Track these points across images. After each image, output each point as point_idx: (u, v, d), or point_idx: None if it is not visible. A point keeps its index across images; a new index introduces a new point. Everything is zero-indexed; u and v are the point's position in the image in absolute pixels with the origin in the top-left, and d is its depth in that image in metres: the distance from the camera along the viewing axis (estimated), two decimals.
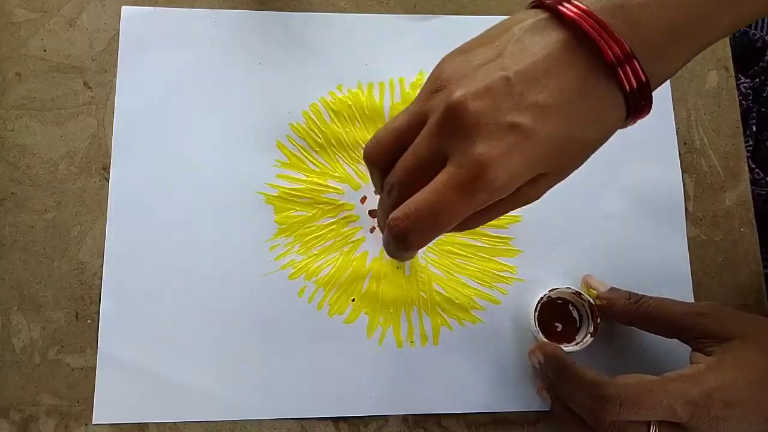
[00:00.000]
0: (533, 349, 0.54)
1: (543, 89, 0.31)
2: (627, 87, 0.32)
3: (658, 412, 0.44)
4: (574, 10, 0.32)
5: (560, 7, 0.32)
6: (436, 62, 0.35)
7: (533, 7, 0.35)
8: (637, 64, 0.31)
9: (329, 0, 0.62)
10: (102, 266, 0.56)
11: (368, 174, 0.57)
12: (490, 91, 0.31)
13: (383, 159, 0.36)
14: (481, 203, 0.32)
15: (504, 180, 0.31)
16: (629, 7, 0.32)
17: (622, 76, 0.32)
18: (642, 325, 0.52)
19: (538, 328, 0.54)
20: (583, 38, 0.32)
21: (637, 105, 0.33)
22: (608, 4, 0.32)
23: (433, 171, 0.33)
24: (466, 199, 0.32)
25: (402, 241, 0.33)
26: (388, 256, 0.40)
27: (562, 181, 0.35)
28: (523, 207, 0.41)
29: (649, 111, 0.34)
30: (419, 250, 0.40)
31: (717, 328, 0.48)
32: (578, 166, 0.35)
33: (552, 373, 0.50)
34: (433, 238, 0.34)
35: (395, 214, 0.33)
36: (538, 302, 0.54)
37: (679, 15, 0.33)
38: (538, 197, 0.35)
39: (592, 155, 0.33)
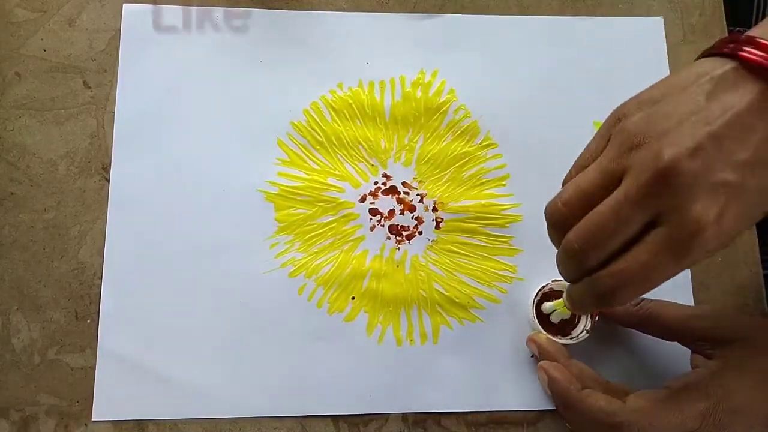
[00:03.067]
0: (531, 337, 0.54)
1: (749, 145, 0.32)
2: None
3: (672, 429, 0.43)
4: (759, 54, 0.32)
5: (743, 54, 0.33)
6: (436, 60, 0.35)
7: (712, 54, 0.35)
8: None
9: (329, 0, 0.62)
10: (102, 266, 0.55)
11: (369, 172, 0.58)
12: (700, 150, 0.31)
13: (570, 220, 0.35)
14: (693, 263, 0.33)
15: (720, 240, 0.32)
16: None
17: None
18: (642, 327, 0.52)
19: (535, 317, 0.54)
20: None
21: None
22: None
23: (636, 232, 0.33)
24: (679, 260, 0.32)
25: (608, 299, 0.34)
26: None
27: (559, 179, 0.36)
28: (521, 206, 0.44)
29: None
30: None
31: (717, 332, 0.48)
32: None
33: (559, 405, 0.50)
34: (638, 297, 0.35)
35: (604, 273, 0.34)
36: (539, 290, 0.54)
37: None
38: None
39: None
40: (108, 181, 0.57)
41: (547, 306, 0.53)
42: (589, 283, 0.35)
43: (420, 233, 0.58)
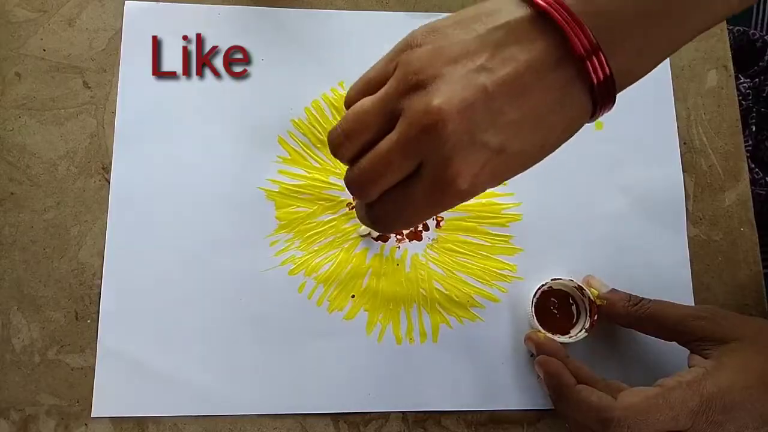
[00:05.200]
0: (529, 335, 0.54)
1: (521, 105, 0.32)
2: (594, 79, 0.32)
3: (663, 425, 0.44)
4: (548, 2, 0.32)
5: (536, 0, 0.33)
6: None
7: None
8: (602, 55, 0.32)
9: None
10: (102, 266, 0.55)
11: None
12: (470, 107, 0.32)
13: (350, 150, 0.36)
14: (446, 209, 0.35)
15: (472, 192, 0.34)
16: None
17: (590, 68, 0.32)
18: (641, 327, 0.52)
19: (534, 316, 0.54)
20: (556, 33, 0.32)
21: (604, 100, 0.33)
22: None
23: (407, 173, 0.34)
24: (434, 208, 0.35)
25: (379, 226, 0.38)
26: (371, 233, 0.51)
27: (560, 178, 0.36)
28: (521, 205, 0.54)
29: (612, 106, 0.34)
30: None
31: (714, 331, 0.48)
32: (536, 164, 0.36)
33: (553, 395, 0.50)
34: (405, 228, 0.39)
35: (376, 205, 0.36)
36: (538, 289, 0.54)
37: (645, 4, 0.33)
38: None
39: (593, 153, 0.32)
40: (108, 181, 0.57)
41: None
42: (366, 208, 0.37)
43: (420, 232, 0.58)
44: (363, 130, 0.35)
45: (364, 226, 0.55)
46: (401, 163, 0.34)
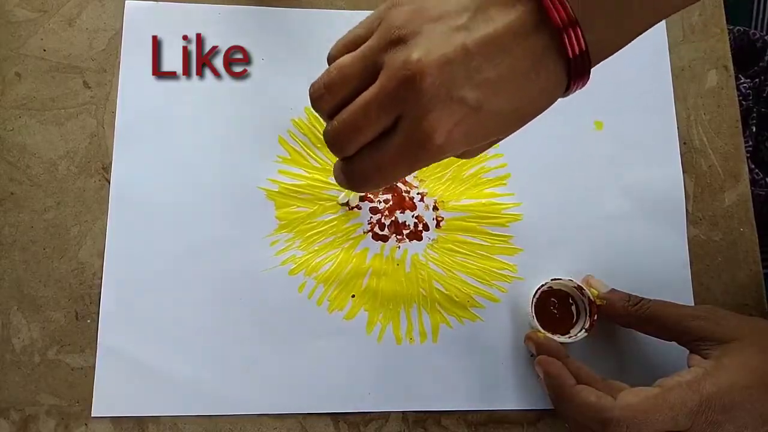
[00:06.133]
0: (529, 335, 0.54)
1: (498, 65, 0.33)
2: (570, 52, 0.33)
3: (663, 425, 0.44)
4: None
5: None
6: None
7: None
8: (579, 29, 0.32)
9: None
10: (102, 266, 0.55)
11: None
12: (448, 62, 0.32)
13: (331, 103, 0.36)
14: (422, 166, 0.36)
15: (447, 149, 0.34)
16: None
17: (566, 41, 0.33)
18: (641, 327, 0.52)
19: (534, 316, 0.54)
20: (538, 6, 0.33)
21: (578, 74, 0.34)
22: None
23: (385, 127, 0.34)
24: (410, 164, 0.35)
25: (355, 184, 0.37)
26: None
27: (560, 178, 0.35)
28: (522, 205, 0.57)
29: (586, 82, 0.35)
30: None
31: (714, 331, 0.48)
32: (512, 133, 0.37)
33: (553, 395, 0.50)
34: (382, 186, 0.38)
35: (355, 160, 0.36)
36: (538, 289, 0.54)
37: None
38: (471, 158, 0.40)
39: (593, 153, 0.32)
40: (108, 181, 0.57)
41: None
42: (342, 166, 0.37)
43: (420, 232, 0.58)
44: (344, 84, 0.35)
45: (343, 194, 0.56)
46: (379, 115, 0.34)
